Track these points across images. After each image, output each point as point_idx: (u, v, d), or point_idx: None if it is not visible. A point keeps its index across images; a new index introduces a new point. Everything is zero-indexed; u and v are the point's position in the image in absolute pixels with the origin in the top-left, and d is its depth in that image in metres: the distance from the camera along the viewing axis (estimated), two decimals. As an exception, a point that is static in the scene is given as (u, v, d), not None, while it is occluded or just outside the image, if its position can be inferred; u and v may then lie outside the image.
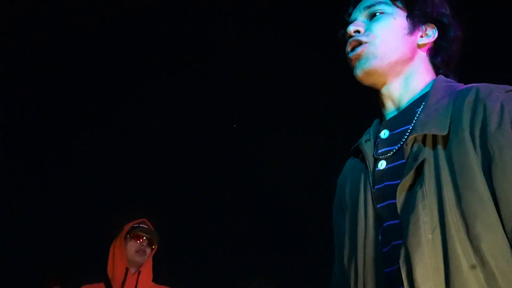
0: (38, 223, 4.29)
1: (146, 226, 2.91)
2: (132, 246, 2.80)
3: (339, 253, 1.23)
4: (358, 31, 1.25)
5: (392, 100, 1.26)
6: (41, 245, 4.28)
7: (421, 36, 1.27)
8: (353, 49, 1.25)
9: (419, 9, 1.26)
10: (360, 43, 1.23)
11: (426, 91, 1.21)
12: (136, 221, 2.93)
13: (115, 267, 2.77)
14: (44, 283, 3.55)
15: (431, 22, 1.28)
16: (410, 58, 1.25)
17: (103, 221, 4.22)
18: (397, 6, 1.26)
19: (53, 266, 3.75)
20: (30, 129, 4.40)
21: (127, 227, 2.89)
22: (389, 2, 1.27)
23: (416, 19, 1.26)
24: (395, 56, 1.23)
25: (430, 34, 1.27)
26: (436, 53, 1.28)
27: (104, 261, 2.81)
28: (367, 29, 1.24)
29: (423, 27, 1.27)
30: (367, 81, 1.25)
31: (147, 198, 4.39)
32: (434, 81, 1.23)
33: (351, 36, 1.25)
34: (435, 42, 1.28)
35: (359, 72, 1.24)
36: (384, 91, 1.26)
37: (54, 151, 4.38)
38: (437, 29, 1.28)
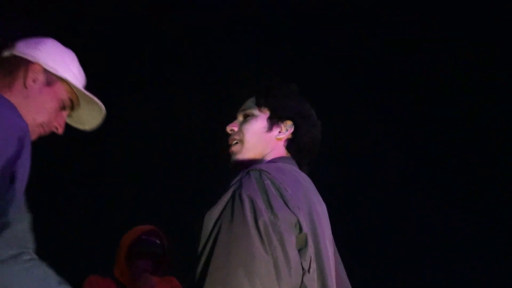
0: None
1: (153, 240, 2.50)
2: (137, 269, 2.41)
3: None
4: (233, 130, 1.64)
5: None
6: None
7: (280, 132, 1.62)
8: (230, 145, 1.64)
9: (277, 111, 1.62)
10: (234, 140, 1.62)
11: None
12: (140, 232, 2.48)
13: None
14: None
15: (289, 119, 1.62)
16: (269, 149, 1.61)
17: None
18: (261, 109, 1.64)
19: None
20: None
21: (126, 243, 2.46)
22: (257, 106, 1.65)
23: (274, 119, 1.62)
24: (254, 151, 1.60)
25: (286, 130, 1.62)
26: (290, 144, 1.62)
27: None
28: (239, 129, 1.63)
29: (282, 124, 1.62)
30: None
31: (147, 197, 4.38)
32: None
33: (229, 134, 1.66)
34: (293, 133, 1.62)
35: (230, 164, 1.62)
36: None
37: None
38: (294, 124, 1.62)
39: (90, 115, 1.54)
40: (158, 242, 2.51)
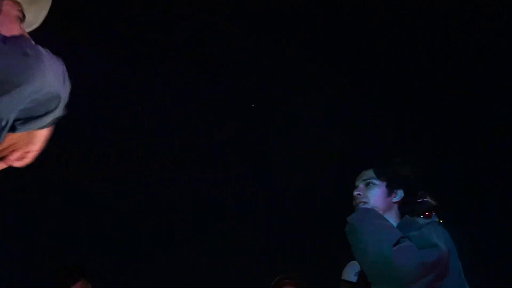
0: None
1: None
2: None
3: None
4: (359, 194, 2.28)
5: None
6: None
7: (394, 197, 2.27)
8: (357, 204, 2.29)
9: (391, 181, 2.27)
10: (361, 202, 2.27)
11: None
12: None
13: None
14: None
15: (400, 188, 2.27)
16: (388, 210, 2.25)
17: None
18: (381, 180, 2.27)
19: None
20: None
21: None
22: (376, 177, 2.27)
23: (389, 188, 2.27)
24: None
25: (398, 196, 2.27)
26: (402, 206, 2.27)
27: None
28: (365, 194, 2.27)
29: (396, 191, 2.27)
30: None
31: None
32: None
33: (355, 197, 2.29)
34: (404, 198, 2.27)
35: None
36: None
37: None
38: (404, 192, 2.27)
39: (36, 12, 1.55)
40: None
